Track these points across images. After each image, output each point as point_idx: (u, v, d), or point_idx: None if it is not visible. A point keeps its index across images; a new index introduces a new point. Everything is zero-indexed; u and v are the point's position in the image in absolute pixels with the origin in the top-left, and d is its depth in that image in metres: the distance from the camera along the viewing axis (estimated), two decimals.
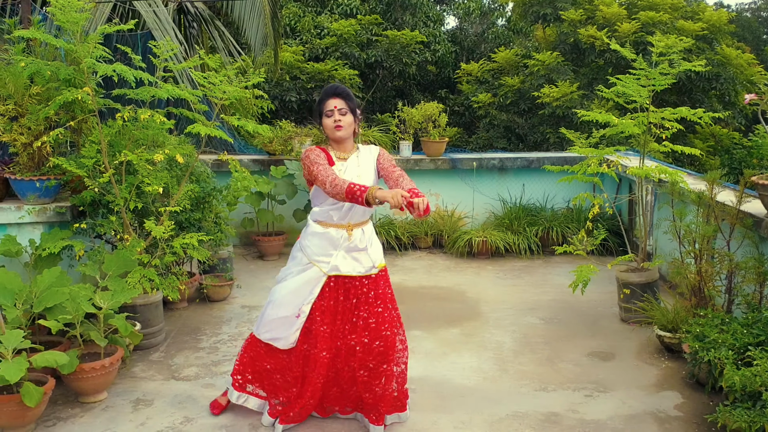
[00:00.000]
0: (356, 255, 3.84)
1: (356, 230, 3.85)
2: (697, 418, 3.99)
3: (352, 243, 3.82)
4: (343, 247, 3.83)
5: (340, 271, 3.81)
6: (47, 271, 4.40)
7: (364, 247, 3.85)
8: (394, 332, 3.89)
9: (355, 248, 3.83)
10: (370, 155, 3.94)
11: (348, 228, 3.83)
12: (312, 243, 3.87)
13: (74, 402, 4.22)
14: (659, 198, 6.78)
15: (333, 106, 3.80)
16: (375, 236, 3.99)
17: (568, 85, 11.43)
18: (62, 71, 4.71)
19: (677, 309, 4.95)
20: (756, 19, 31.60)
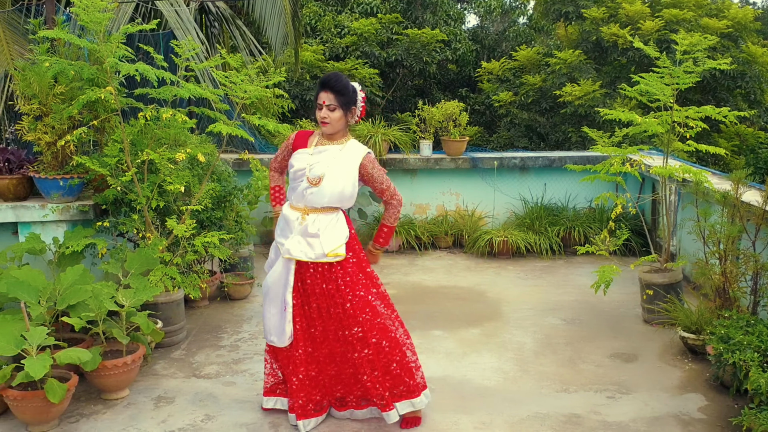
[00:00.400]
0: (309, 240, 3.78)
1: (311, 215, 3.80)
2: (722, 421, 3.94)
3: (303, 227, 3.79)
4: (297, 230, 3.81)
5: (291, 254, 3.78)
6: (70, 268, 4.44)
7: (314, 233, 3.77)
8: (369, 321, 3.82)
9: (305, 232, 3.78)
10: (355, 156, 3.84)
11: (303, 211, 3.82)
12: (278, 223, 3.94)
13: (97, 399, 4.26)
14: (683, 198, 6.70)
15: (322, 100, 3.76)
16: (336, 225, 3.83)
17: (591, 83, 11.34)
18: (86, 71, 4.76)
19: (701, 310, 4.89)
20: None
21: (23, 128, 4.94)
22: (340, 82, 3.75)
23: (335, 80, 3.75)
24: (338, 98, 3.73)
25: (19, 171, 5.12)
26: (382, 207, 8.26)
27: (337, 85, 3.73)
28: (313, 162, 3.79)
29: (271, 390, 4.10)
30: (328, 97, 3.73)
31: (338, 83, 3.74)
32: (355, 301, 3.81)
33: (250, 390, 4.39)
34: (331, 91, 3.73)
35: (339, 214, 3.88)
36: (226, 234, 5.21)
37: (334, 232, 3.81)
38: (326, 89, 3.74)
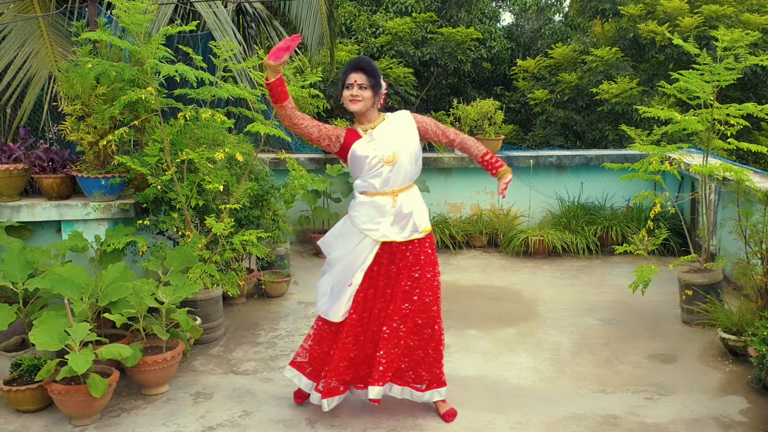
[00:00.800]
0: (402, 221, 3.89)
1: (401, 195, 3.90)
2: (764, 425, 3.87)
3: (397, 208, 3.87)
4: (390, 213, 3.88)
5: (389, 237, 3.87)
6: (112, 266, 4.52)
7: (409, 212, 3.89)
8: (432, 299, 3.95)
9: (400, 213, 3.88)
10: (405, 120, 3.96)
11: (393, 194, 3.88)
12: (360, 213, 3.92)
13: (137, 394, 4.34)
14: (723, 197, 6.59)
15: (353, 79, 3.84)
16: (421, 200, 4.00)
17: (628, 81, 11.19)
18: (127, 72, 4.84)
19: (742, 311, 4.81)
20: None
21: (66, 128, 5.05)
22: (370, 64, 3.89)
23: (366, 61, 3.89)
24: (369, 78, 3.84)
25: (63, 170, 5.23)
26: None
27: (368, 66, 3.87)
28: (376, 145, 3.87)
29: (299, 365, 4.14)
30: (360, 77, 3.83)
31: (369, 64, 3.88)
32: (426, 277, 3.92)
33: (287, 387, 4.43)
34: (362, 71, 3.84)
35: (416, 188, 4.01)
36: (263, 232, 5.27)
37: (422, 208, 3.98)
38: (357, 70, 3.85)
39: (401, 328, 3.90)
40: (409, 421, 3.97)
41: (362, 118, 3.94)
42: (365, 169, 3.89)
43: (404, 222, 3.89)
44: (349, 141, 3.93)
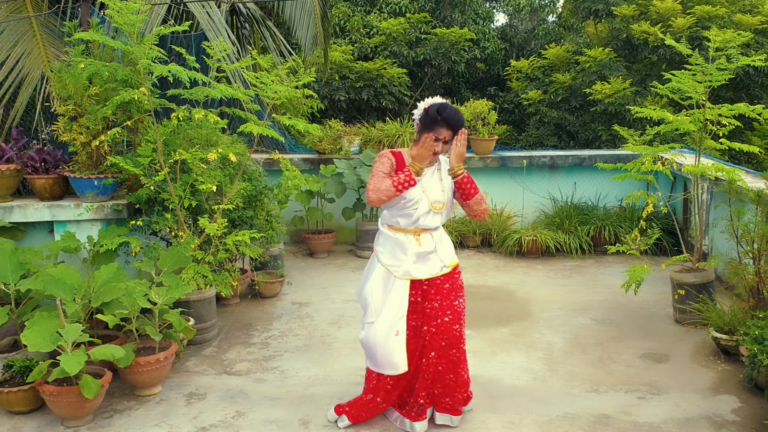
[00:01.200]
0: (428, 257, 3.84)
1: (424, 235, 3.85)
2: (756, 423, 3.88)
3: (422, 248, 3.83)
4: (412, 252, 3.82)
5: (412, 276, 3.82)
6: (104, 266, 4.52)
7: (432, 250, 3.85)
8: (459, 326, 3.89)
9: (423, 253, 3.84)
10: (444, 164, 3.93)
11: (416, 233, 3.85)
12: (384, 248, 3.90)
13: (130, 395, 4.33)
14: (715, 196, 6.61)
15: (444, 136, 3.76)
16: (445, 236, 3.98)
17: (621, 81, 11.22)
18: (119, 72, 4.84)
19: (734, 310, 4.83)
20: None
21: (59, 129, 5.04)
22: (463, 121, 3.81)
23: (462, 121, 3.79)
24: (453, 135, 3.78)
25: (55, 171, 5.22)
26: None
27: (461, 124, 3.78)
28: (425, 188, 3.81)
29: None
30: (449, 134, 3.76)
31: (463, 122, 3.80)
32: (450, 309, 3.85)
33: (281, 387, 4.43)
34: (453, 130, 3.76)
35: (442, 228, 3.99)
36: (256, 233, 5.27)
37: (447, 243, 3.96)
38: (449, 127, 3.75)
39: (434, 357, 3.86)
40: (400, 422, 3.96)
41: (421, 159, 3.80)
42: (401, 205, 3.81)
43: (430, 258, 3.85)
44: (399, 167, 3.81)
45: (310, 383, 4.50)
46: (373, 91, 12.30)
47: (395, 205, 3.81)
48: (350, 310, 5.93)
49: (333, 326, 5.56)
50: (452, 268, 3.90)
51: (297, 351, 5.05)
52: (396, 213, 3.84)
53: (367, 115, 12.51)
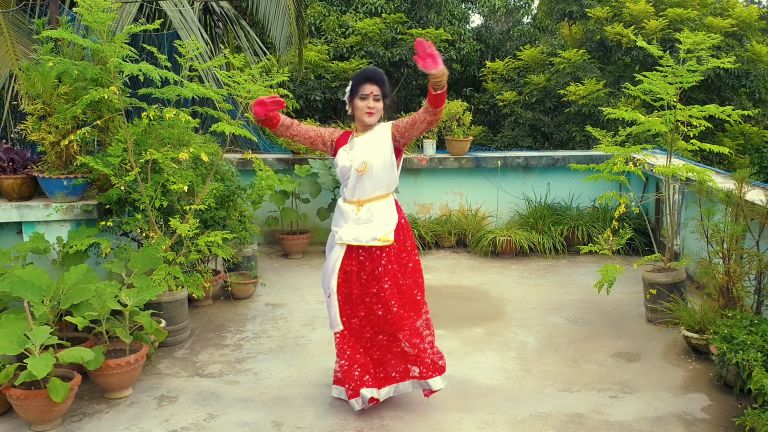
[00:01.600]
0: (361, 227, 3.99)
1: (365, 205, 4.01)
2: (725, 421, 3.92)
3: (357, 216, 4.00)
4: (351, 219, 4.01)
5: (343, 239, 3.99)
6: (74, 268, 4.45)
7: (367, 220, 3.98)
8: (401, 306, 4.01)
9: (359, 220, 4.00)
10: (383, 131, 4.01)
11: (357, 204, 4.02)
12: (334, 216, 4.16)
13: (100, 398, 4.27)
14: (687, 197, 6.69)
15: (369, 91, 3.93)
16: (387, 211, 4.03)
17: (595, 83, 11.32)
18: (89, 71, 4.77)
19: (705, 310, 4.88)
20: None
21: (27, 128, 4.96)
22: (383, 75, 3.97)
23: (380, 73, 3.96)
24: (382, 89, 3.95)
25: (24, 171, 5.13)
26: None
27: (382, 78, 3.95)
28: (353, 155, 3.98)
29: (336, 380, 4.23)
30: (375, 89, 3.92)
31: (382, 76, 3.96)
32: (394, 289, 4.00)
33: (253, 389, 4.40)
34: (377, 83, 3.93)
35: (390, 199, 4.07)
36: (229, 233, 5.23)
37: (385, 219, 4.02)
38: (372, 82, 3.92)
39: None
40: (375, 422, 3.96)
41: (363, 128, 4.04)
42: (340, 176, 4.07)
43: (363, 228, 3.97)
44: (337, 147, 4.07)
45: (284, 385, 4.47)
46: None
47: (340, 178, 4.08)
48: (325, 312, 5.89)
49: (307, 327, 5.53)
50: (383, 243, 3.95)
51: (270, 352, 5.01)
52: (342, 184, 4.08)
53: (343, 115, 12.48)
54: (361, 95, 3.93)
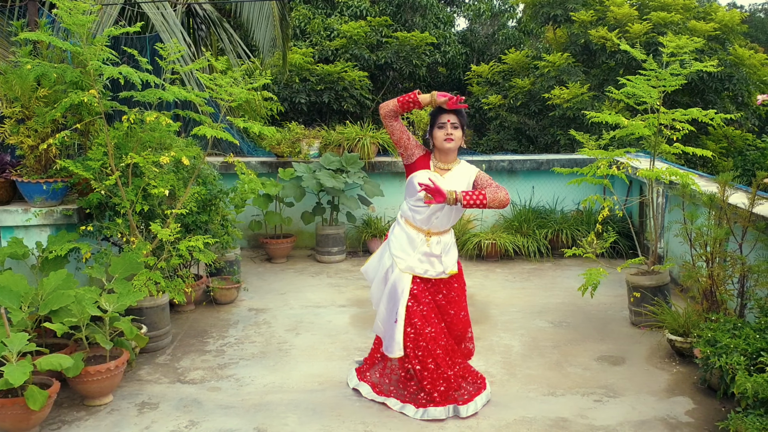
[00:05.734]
0: (431, 260, 4.09)
1: (434, 238, 4.09)
2: (709, 425, 3.92)
3: (429, 249, 4.07)
4: (420, 250, 4.07)
5: (414, 271, 4.07)
6: (53, 273, 4.39)
7: (438, 254, 4.09)
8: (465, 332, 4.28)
9: (429, 254, 4.08)
10: (468, 172, 4.12)
11: (427, 234, 4.08)
12: (396, 237, 4.16)
13: (79, 405, 4.21)
14: (670, 200, 6.71)
15: (447, 119, 4.02)
16: (453, 245, 4.22)
17: (579, 86, 11.35)
18: (69, 74, 4.72)
19: (688, 313, 4.88)
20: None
21: (5, 132, 4.88)
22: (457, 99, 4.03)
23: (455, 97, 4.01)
24: (460, 119, 4.05)
25: (2, 175, 5.06)
26: (371, 210, 8.25)
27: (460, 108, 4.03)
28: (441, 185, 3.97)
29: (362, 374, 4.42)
30: (453, 117, 4.02)
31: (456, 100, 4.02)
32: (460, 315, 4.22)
33: (235, 395, 4.35)
34: (454, 112, 4.02)
35: (452, 232, 4.24)
36: (211, 238, 5.17)
37: (453, 252, 4.20)
38: (450, 111, 4.01)
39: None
40: (359, 428, 3.92)
41: (443, 156, 4.10)
42: (414, 198, 4.06)
43: (433, 261, 4.09)
44: (418, 165, 4.10)
45: (266, 391, 4.43)
46: (335, 94, 12.25)
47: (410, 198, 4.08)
48: (309, 316, 5.86)
49: (291, 333, 5.49)
50: (450, 276, 4.14)
51: (253, 358, 4.97)
52: (412, 205, 4.08)
53: (328, 118, 12.46)
54: (440, 124, 4.03)
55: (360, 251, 8.23)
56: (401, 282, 4.07)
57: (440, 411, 4.01)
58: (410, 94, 4.00)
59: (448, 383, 4.06)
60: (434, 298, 4.14)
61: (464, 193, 3.85)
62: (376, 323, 4.27)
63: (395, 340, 4.05)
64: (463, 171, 4.12)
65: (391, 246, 4.16)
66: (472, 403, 4.09)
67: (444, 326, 4.15)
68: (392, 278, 4.11)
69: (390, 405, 4.16)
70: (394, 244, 4.14)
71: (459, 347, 4.27)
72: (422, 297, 4.07)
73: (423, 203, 3.98)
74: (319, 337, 5.39)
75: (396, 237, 4.15)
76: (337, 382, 4.54)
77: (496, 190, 3.92)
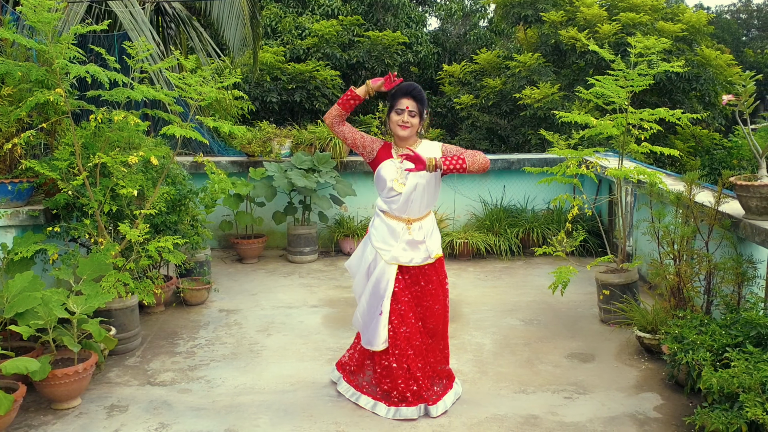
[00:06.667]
0: (415, 247, 4.08)
1: (415, 224, 4.09)
2: (676, 420, 3.98)
3: (411, 236, 4.06)
4: (402, 239, 4.06)
5: (399, 261, 4.06)
6: (19, 275, 4.32)
7: (422, 240, 4.10)
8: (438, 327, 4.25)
9: (412, 241, 4.07)
10: (433, 148, 4.10)
11: (407, 222, 4.08)
12: (377, 230, 4.14)
13: (47, 409, 4.15)
14: (639, 199, 6.79)
15: (405, 105, 4.00)
16: (435, 228, 4.23)
17: (549, 86, 11.44)
18: (34, 72, 4.64)
19: (657, 310, 4.95)
20: (735, 20, 31.91)
21: None
22: (422, 92, 4.05)
23: (418, 89, 4.03)
24: (418, 106, 4.01)
25: None
26: (343, 210, 8.24)
27: (419, 93, 4.02)
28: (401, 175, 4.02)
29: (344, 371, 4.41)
30: (411, 104, 4.00)
31: (420, 92, 4.04)
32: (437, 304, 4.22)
33: (206, 397, 4.32)
34: (414, 98, 4.00)
35: (433, 215, 4.25)
36: (180, 238, 5.12)
37: (435, 236, 4.20)
38: (409, 96, 4.00)
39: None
40: (331, 428, 3.91)
41: (402, 141, 4.08)
42: (385, 190, 4.06)
43: (418, 247, 4.08)
44: (380, 157, 4.09)
45: (237, 392, 4.40)
46: (306, 93, 12.21)
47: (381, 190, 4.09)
48: (280, 317, 5.84)
49: (262, 333, 5.46)
50: (436, 259, 4.16)
51: (224, 360, 4.93)
52: (385, 199, 4.08)
53: (300, 117, 12.41)
54: (397, 109, 4.01)
55: (332, 251, 8.21)
56: (386, 274, 4.06)
57: (412, 411, 4.01)
58: (346, 93, 4.06)
59: (418, 384, 4.07)
60: (411, 290, 4.12)
61: (443, 158, 3.87)
62: (356, 317, 4.27)
63: (378, 333, 4.05)
64: (428, 148, 4.09)
65: (372, 239, 4.14)
66: (441, 402, 4.11)
67: (420, 325, 4.15)
68: (376, 272, 4.09)
69: (362, 404, 4.16)
70: (375, 237, 4.13)
71: (435, 344, 4.25)
72: (402, 295, 4.07)
73: (395, 193, 4.01)
74: (291, 337, 5.37)
75: (377, 230, 4.14)
76: (308, 383, 4.52)
77: (473, 154, 3.96)
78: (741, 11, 34.23)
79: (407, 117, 3.99)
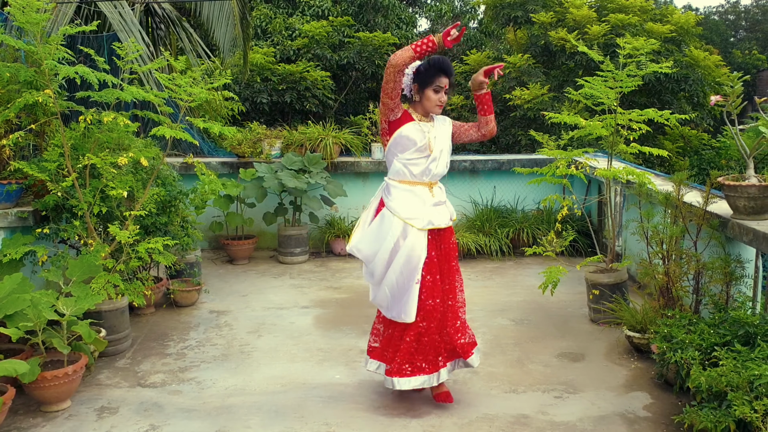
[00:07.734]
0: (438, 210, 4.08)
1: (435, 187, 4.12)
2: (666, 419, 4.00)
3: (434, 198, 4.07)
4: (428, 203, 4.04)
5: (434, 224, 4.02)
6: (8, 277, 4.29)
7: (444, 201, 4.15)
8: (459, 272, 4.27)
9: (437, 204, 4.08)
10: (446, 122, 4.19)
11: (429, 185, 4.08)
12: (398, 201, 4.01)
13: (36, 411, 4.13)
14: (628, 199, 6.82)
15: (444, 83, 3.98)
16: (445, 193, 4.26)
17: (539, 87, 11.48)
18: (22, 73, 4.62)
19: (646, 309, 4.97)
20: (723, 21, 32.12)
21: None
22: (452, 66, 4.04)
23: (449, 64, 4.00)
24: (451, 81, 4.03)
25: None
26: (334, 211, 8.24)
27: (452, 69, 4.02)
28: (430, 137, 4.03)
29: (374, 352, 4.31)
30: (447, 82, 3.99)
31: (452, 67, 4.03)
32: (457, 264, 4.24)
33: (197, 398, 4.31)
34: (450, 76, 3.98)
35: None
36: (170, 240, 5.11)
37: (448, 200, 4.24)
38: (447, 75, 3.97)
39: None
40: (322, 429, 3.92)
41: (423, 111, 4.09)
42: (409, 151, 3.98)
43: (442, 209, 4.10)
44: (403, 119, 4.02)
45: (228, 394, 4.39)
46: (297, 93, 12.20)
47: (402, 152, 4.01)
48: (271, 318, 5.83)
49: (252, 335, 5.45)
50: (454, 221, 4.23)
51: (214, 361, 4.92)
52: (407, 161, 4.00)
53: (290, 118, 12.40)
54: (436, 86, 3.97)
55: (323, 252, 8.21)
56: (418, 243, 3.97)
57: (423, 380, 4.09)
58: (427, 42, 3.84)
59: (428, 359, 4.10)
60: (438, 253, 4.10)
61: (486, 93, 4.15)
62: (383, 292, 4.05)
63: (411, 303, 3.96)
64: (442, 121, 4.17)
65: (397, 211, 3.98)
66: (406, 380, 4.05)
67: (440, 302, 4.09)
68: (408, 243, 3.95)
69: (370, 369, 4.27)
70: (402, 208, 3.98)
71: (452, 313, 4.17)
72: (432, 266, 4.02)
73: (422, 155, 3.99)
74: (282, 338, 5.36)
75: (400, 201, 4.01)
76: (299, 384, 4.53)
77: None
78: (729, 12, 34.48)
79: (444, 96, 4.00)
